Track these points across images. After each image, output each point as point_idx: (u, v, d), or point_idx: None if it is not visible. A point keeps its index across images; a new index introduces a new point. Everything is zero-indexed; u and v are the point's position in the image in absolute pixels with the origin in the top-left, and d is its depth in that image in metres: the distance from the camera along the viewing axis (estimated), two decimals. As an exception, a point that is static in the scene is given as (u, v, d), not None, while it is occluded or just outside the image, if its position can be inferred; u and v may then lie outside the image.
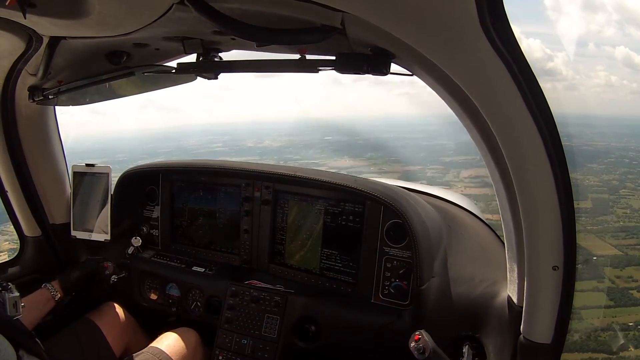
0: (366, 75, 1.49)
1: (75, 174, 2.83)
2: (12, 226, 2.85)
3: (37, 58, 1.92)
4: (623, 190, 20.35)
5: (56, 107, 2.63)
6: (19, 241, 2.88)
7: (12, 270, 2.73)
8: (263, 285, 2.53)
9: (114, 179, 2.83)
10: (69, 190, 2.86)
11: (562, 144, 1.26)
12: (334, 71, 1.54)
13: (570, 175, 1.31)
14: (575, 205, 1.33)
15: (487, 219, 2.64)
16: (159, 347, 2.32)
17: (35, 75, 2.13)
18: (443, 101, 1.49)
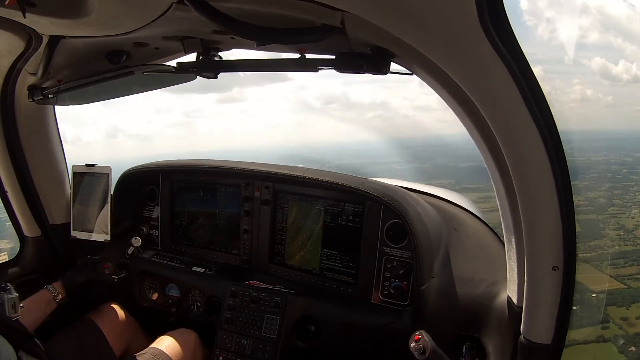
0: (338, 98, 1.49)
1: (75, 174, 2.83)
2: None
3: (37, 57, 1.92)
4: (612, 208, 18.31)
5: (56, 106, 2.63)
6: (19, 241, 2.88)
7: (12, 270, 2.73)
8: (263, 285, 2.53)
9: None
10: (69, 190, 2.86)
11: (562, 144, 1.25)
12: (334, 70, 1.55)
13: (570, 175, 1.30)
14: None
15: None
16: (159, 347, 2.32)
17: (35, 74, 2.13)
18: (443, 100, 1.49)
